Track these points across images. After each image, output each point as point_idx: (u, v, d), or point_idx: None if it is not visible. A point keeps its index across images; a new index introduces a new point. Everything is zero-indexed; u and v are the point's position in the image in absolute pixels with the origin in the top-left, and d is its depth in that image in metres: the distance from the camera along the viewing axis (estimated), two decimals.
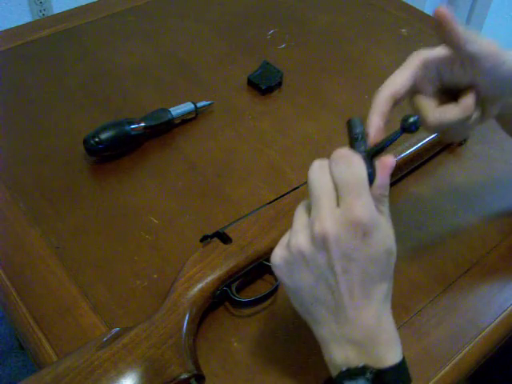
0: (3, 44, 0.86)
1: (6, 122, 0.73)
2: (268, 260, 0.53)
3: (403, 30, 0.93)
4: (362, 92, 0.80)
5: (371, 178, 0.40)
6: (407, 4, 1.01)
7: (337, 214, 0.38)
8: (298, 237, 0.40)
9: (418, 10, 0.99)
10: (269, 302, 0.53)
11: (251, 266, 0.53)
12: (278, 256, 0.42)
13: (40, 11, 1.27)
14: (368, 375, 0.38)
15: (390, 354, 0.40)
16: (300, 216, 0.42)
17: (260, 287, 0.55)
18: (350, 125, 0.43)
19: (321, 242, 0.38)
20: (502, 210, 0.64)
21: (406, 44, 0.90)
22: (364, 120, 0.44)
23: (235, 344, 0.51)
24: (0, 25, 0.98)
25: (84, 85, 0.79)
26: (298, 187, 0.58)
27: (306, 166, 0.68)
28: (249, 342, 0.51)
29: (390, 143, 0.42)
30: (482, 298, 0.55)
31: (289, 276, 0.41)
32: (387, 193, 0.41)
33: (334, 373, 0.41)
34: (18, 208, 0.62)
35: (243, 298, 0.52)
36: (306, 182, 0.58)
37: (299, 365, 0.49)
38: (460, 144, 0.71)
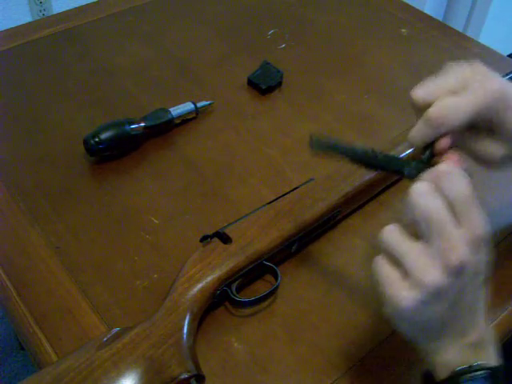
0: (3, 44, 0.85)
1: (5, 122, 0.73)
2: (268, 260, 0.54)
3: (403, 30, 0.93)
4: (362, 92, 0.80)
5: None
6: (407, 4, 1.01)
7: (465, 237, 0.37)
8: (431, 272, 0.37)
9: (417, 10, 0.99)
10: (269, 301, 0.53)
11: (251, 266, 0.53)
12: (410, 300, 0.37)
13: (40, 11, 1.26)
14: (484, 373, 0.39)
15: (495, 354, 0.41)
16: (410, 247, 0.38)
17: (260, 287, 0.55)
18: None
19: (458, 272, 0.36)
20: (501, 210, 0.64)
21: (406, 44, 0.90)
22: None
23: (235, 344, 0.51)
24: (0, 25, 0.98)
25: (84, 85, 0.79)
26: (297, 187, 0.58)
27: (306, 166, 0.68)
28: (249, 342, 0.51)
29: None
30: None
31: (420, 314, 0.38)
32: None
33: (446, 373, 0.40)
34: (17, 208, 0.62)
35: (243, 297, 0.52)
36: (305, 182, 0.59)
37: (299, 365, 0.49)
38: None
